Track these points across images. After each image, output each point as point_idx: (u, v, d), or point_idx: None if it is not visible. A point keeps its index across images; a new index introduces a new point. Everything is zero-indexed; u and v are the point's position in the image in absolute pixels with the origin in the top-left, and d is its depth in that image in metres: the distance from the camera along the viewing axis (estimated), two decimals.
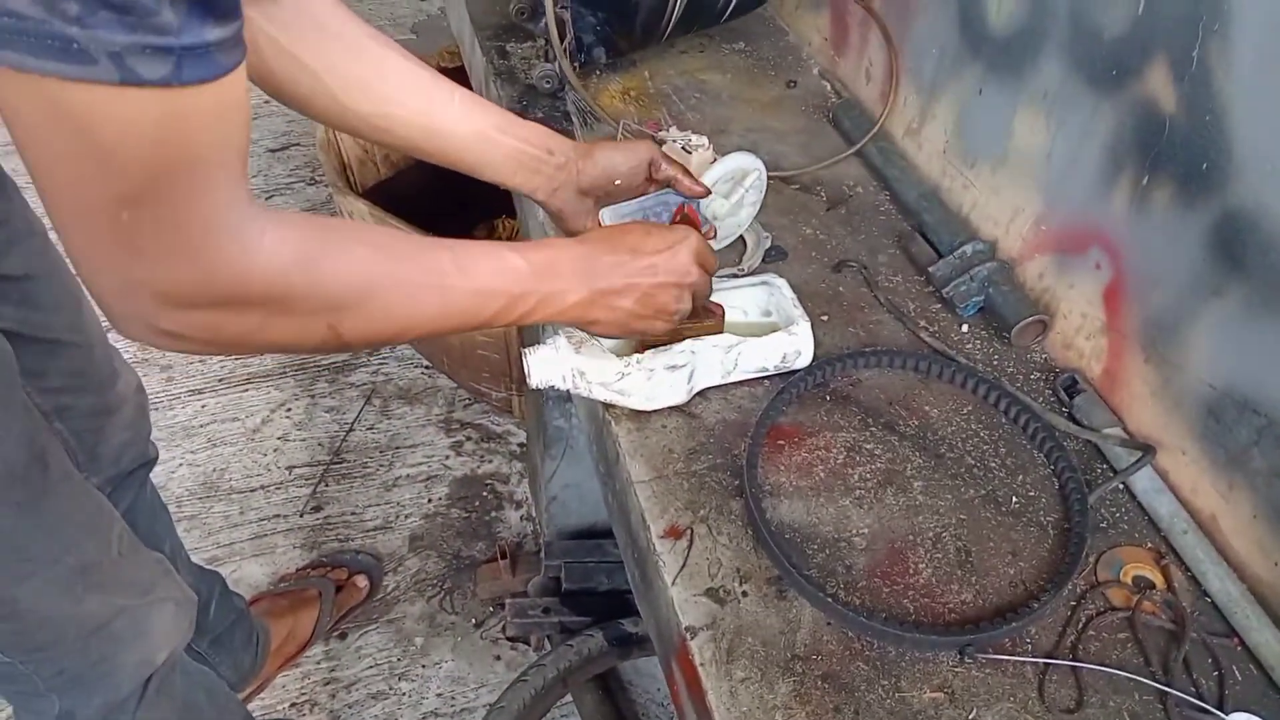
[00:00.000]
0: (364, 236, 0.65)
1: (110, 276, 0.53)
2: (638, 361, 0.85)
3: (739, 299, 0.94)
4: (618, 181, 0.91)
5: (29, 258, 0.99)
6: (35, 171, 0.49)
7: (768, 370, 0.91)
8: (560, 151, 0.89)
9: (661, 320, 0.81)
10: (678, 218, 0.92)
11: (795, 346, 0.90)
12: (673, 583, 0.75)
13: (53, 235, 1.03)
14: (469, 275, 0.70)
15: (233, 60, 0.49)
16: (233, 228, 0.54)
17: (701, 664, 0.70)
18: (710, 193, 0.93)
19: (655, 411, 0.88)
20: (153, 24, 0.44)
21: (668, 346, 0.86)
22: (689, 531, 0.79)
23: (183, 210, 0.51)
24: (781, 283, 0.94)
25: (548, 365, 0.85)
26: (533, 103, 1.26)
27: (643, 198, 0.93)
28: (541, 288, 0.74)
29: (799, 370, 0.91)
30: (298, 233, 0.59)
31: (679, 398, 0.88)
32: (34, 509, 0.91)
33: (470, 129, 0.86)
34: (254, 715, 1.39)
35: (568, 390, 0.87)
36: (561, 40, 1.24)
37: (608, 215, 0.92)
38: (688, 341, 0.86)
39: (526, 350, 0.85)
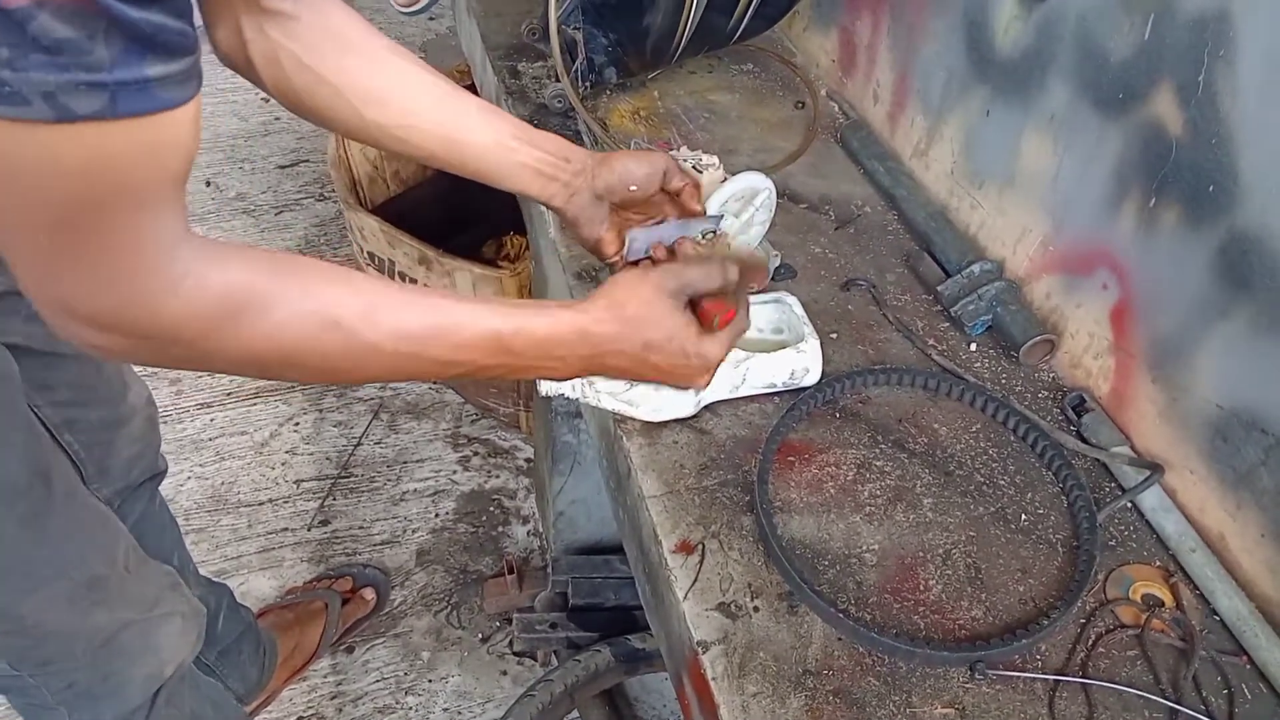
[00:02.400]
0: (310, 293, 0.60)
1: (37, 294, 0.54)
2: None
3: (752, 316, 0.95)
4: (633, 187, 0.91)
5: None
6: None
7: (776, 386, 0.92)
8: (577, 159, 0.90)
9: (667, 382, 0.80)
10: (715, 315, 0.78)
11: (804, 363, 0.91)
12: (684, 597, 0.76)
13: None
14: (435, 343, 0.66)
15: (179, 96, 0.49)
16: (151, 264, 0.53)
17: (714, 678, 0.70)
18: (704, 213, 0.94)
19: (666, 427, 0.89)
20: (85, 62, 0.44)
21: None
22: (700, 546, 0.79)
23: (104, 240, 0.51)
24: (793, 300, 0.95)
25: None
26: (544, 122, 1.27)
27: (666, 224, 0.94)
28: (517, 362, 0.71)
29: (808, 387, 0.92)
30: (223, 280, 0.56)
31: (686, 410, 0.89)
32: (38, 524, 0.91)
33: (489, 138, 0.87)
34: None
35: (577, 399, 0.88)
36: (574, 60, 1.25)
37: (638, 236, 0.92)
38: None
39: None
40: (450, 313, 0.67)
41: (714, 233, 0.95)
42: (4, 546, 0.89)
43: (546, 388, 0.86)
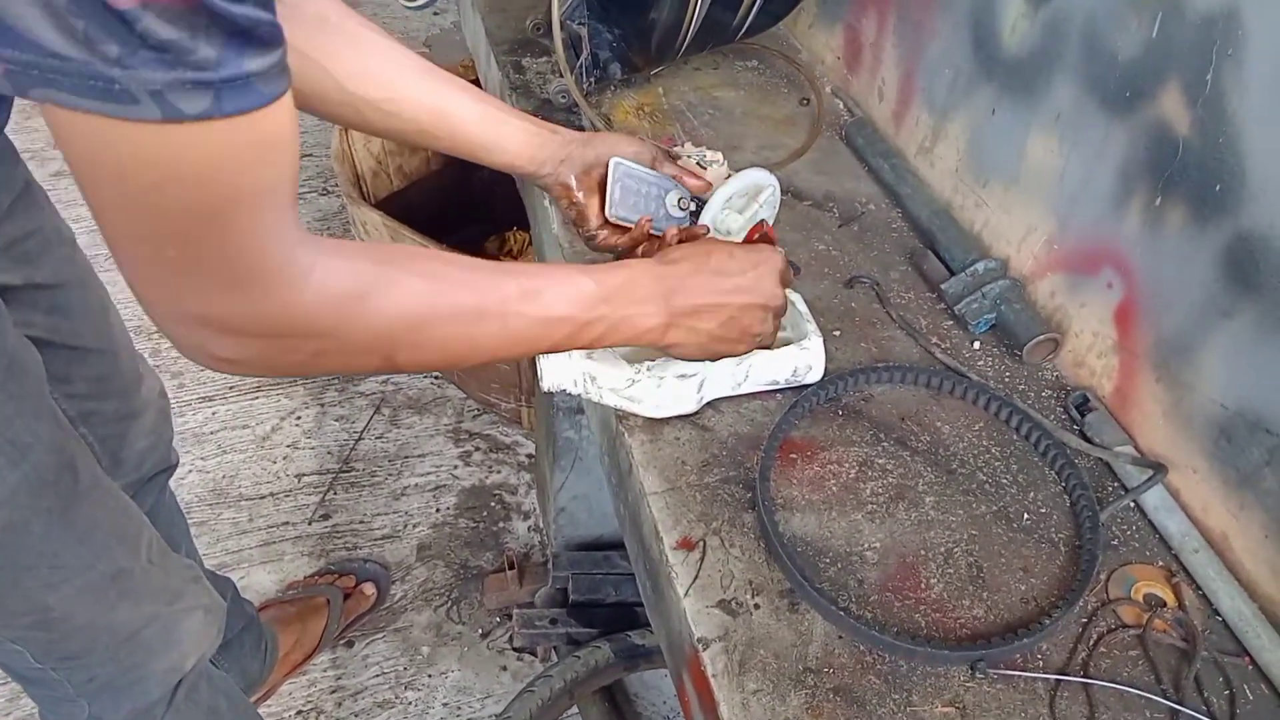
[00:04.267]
0: (419, 267, 0.63)
1: (162, 307, 0.54)
2: (648, 369, 0.86)
3: None
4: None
5: (59, 266, 1.00)
6: (88, 201, 0.49)
7: (778, 383, 0.92)
8: (565, 131, 0.93)
9: (745, 343, 0.82)
10: (755, 236, 0.89)
11: (807, 361, 0.91)
12: (685, 594, 0.76)
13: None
14: (533, 302, 0.68)
15: (276, 90, 0.49)
16: (278, 262, 0.54)
17: (714, 675, 0.70)
18: (709, 186, 0.97)
19: (668, 424, 0.89)
20: (192, 60, 0.44)
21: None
22: (701, 543, 0.79)
23: (227, 246, 0.51)
24: (796, 298, 0.95)
25: (560, 369, 0.86)
26: (548, 118, 1.27)
27: (651, 173, 0.96)
28: (614, 312, 0.73)
29: (810, 385, 0.92)
30: (348, 265, 0.58)
31: (688, 407, 0.89)
32: (65, 516, 0.91)
33: (477, 109, 0.88)
34: None
35: (579, 395, 0.88)
36: (578, 56, 1.25)
37: (621, 164, 0.93)
38: None
39: (539, 354, 0.86)
40: (541, 272, 0.71)
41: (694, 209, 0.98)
42: (32, 540, 0.89)
43: (549, 383, 0.86)
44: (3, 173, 0.90)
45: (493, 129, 0.89)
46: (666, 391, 0.86)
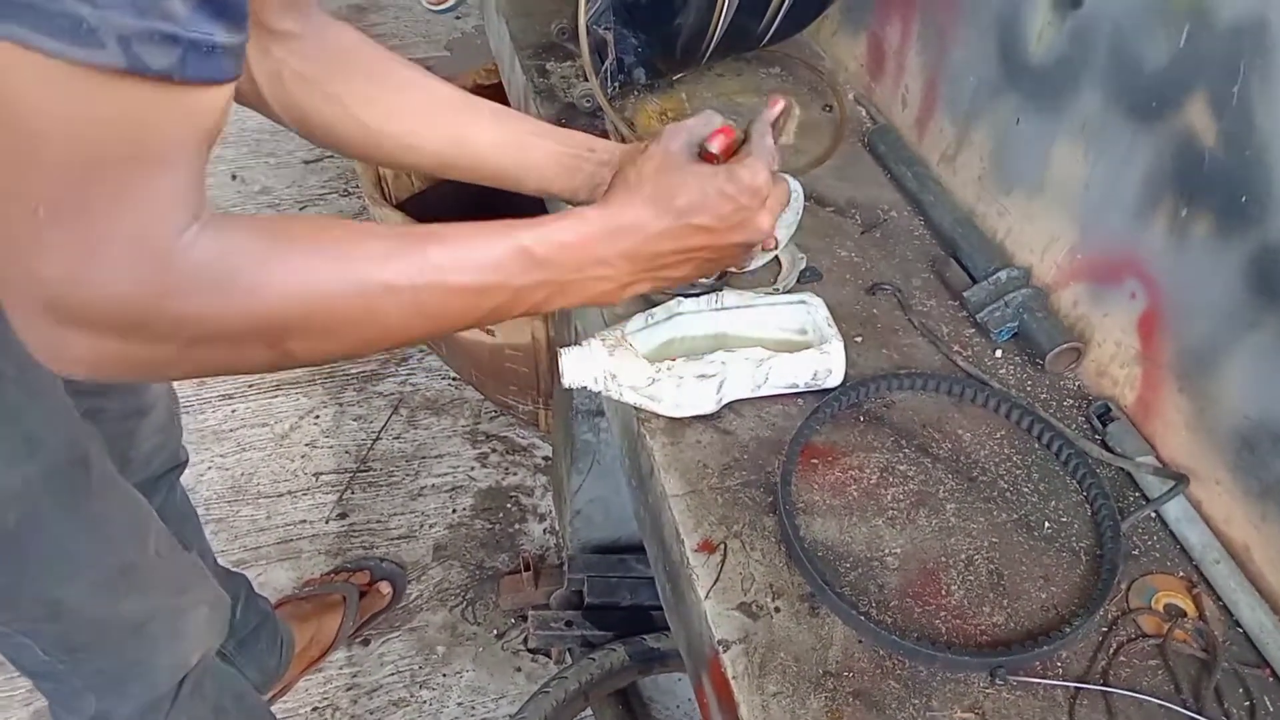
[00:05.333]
0: (314, 239, 0.56)
1: (13, 288, 0.48)
2: (668, 368, 0.86)
3: (777, 316, 0.96)
4: None
5: None
6: None
7: (798, 386, 0.92)
8: (603, 149, 0.86)
9: (720, 267, 0.75)
10: (732, 148, 0.74)
11: (827, 365, 0.91)
12: (706, 596, 0.76)
13: None
14: (454, 271, 0.60)
15: (233, 71, 0.47)
16: (154, 236, 0.48)
17: (734, 677, 0.71)
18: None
19: (690, 427, 0.89)
20: (162, 9, 0.42)
21: (699, 356, 0.87)
22: (722, 546, 0.80)
23: (111, 211, 0.46)
24: (818, 302, 0.96)
25: (581, 366, 0.87)
26: (572, 121, 1.28)
27: None
28: (560, 276, 0.65)
29: (831, 389, 0.92)
30: (228, 241, 0.51)
31: (708, 407, 0.89)
32: (77, 509, 0.93)
33: (503, 136, 0.84)
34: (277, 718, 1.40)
35: (599, 392, 0.88)
36: (603, 61, 1.26)
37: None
38: (719, 353, 0.87)
39: (561, 350, 0.87)
40: (470, 234, 0.62)
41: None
42: (45, 533, 0.90)
43: (570, 379, 0.87)
44: None
45: (518, 156, 0.84)
46: (686, 391, 0.87)
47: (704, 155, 0.73)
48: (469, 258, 0.61)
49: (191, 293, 0.50)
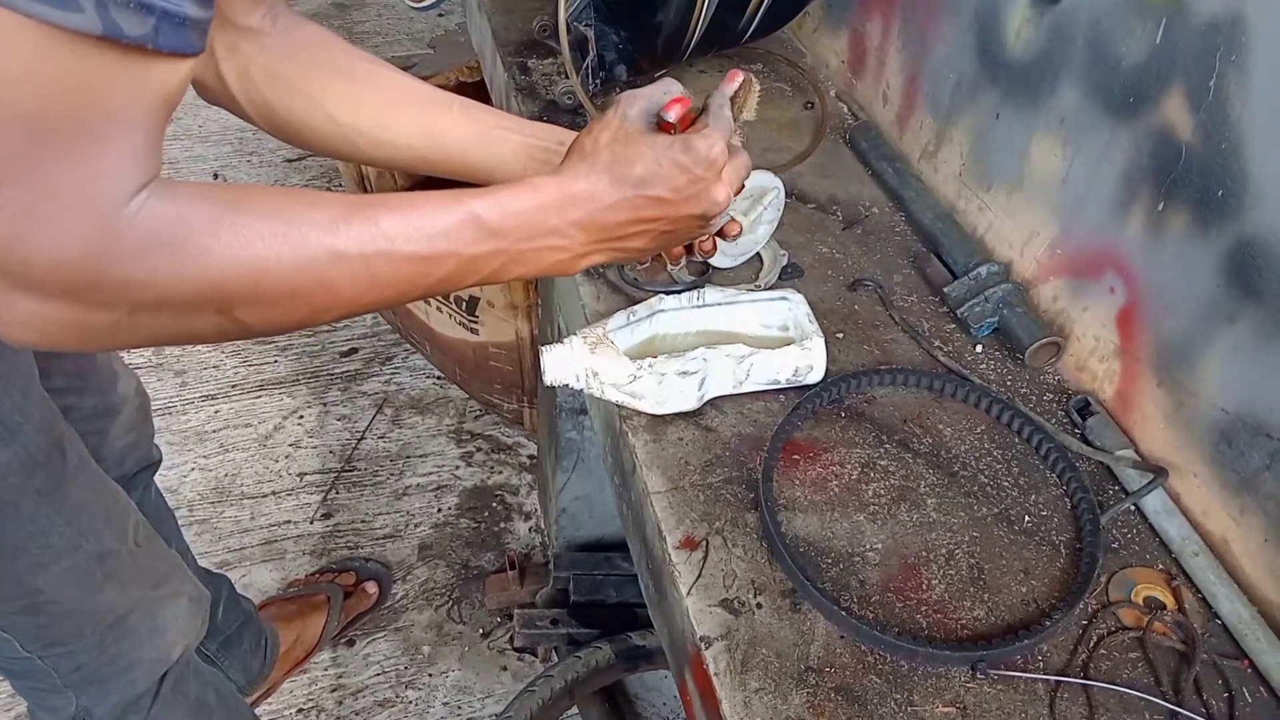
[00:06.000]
0: (262, 205, 0.55)
1: None
2: (649, 365, 0.86)
3: (758, 313, 0.96)
4: None
5: None
6: None
7: (779, 383, 0.92)
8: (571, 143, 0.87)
9: (676, 245, 0.75)
10: (689, 121, 0.73)
11: (808, 361, 0.91)
12: (688, 593, 0.76)
13: None
14: (404, 239, 0.59)
15: (198, 46, 0.47)
16: (102, 200, 0.47)
17: (716, 674, 0.71)
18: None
19: (671, 424, 0.89)
20: None
21: (680, 353, 0.87)
22: (704, 543, 0.80)
23: (62, 173, 0.45)
24: (799, 298, 0.96)
25: (562, 364, 0.87)
26: (554, 119, 1.27)
27: None
28: (513, 245, 0.64)
29: (813, 385, 0.92)
30: (176, 206, 0.50)
31: (690, 404, 0.89)
32: (54, 496, 0.92)
33: (473, 129, 0.84)
34: None
35: (582, 390, 0.88)
36: (584, 57, 1.26)
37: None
38: (700, 349, 0.87)
39: (543, 348, 0.87)
40: (421, 202, 0.61)
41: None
42: (22, 519, 0.90)
43: (552, 376, 0.87)
44: None
45: (488, 149, 0.83)
46: (667, 388, 0.87)
47: (661, 125, 0.72)
48: (419, 225, 0.60)
49: (138, 256, 0.49)
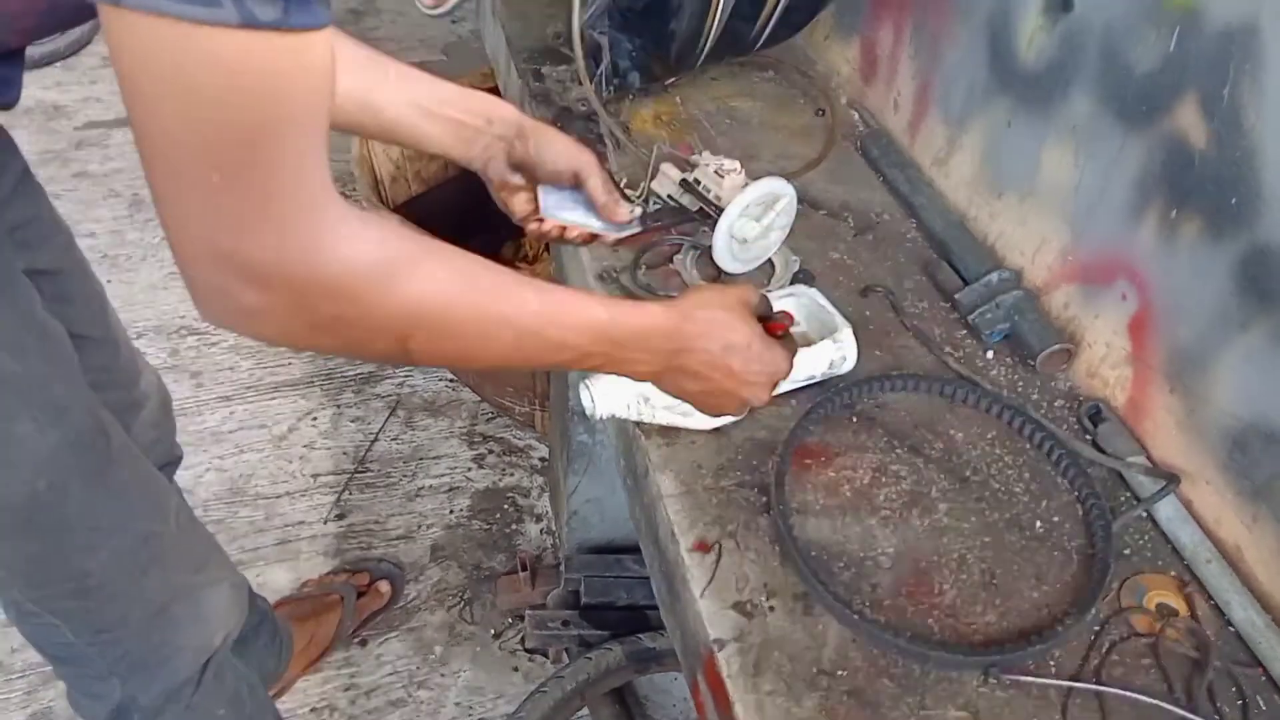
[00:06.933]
0: (451, 260, 0.63)
1: (194, 244, 0.53)
2: None
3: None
4: (547, 169, 0.94)
5: (58, 254, 1.03)
6: (139, 121, 0.49)
7: (815, 378, 0.93)
8: (501, 122, 0.92)
9: (709, 411, 0.82)
10: (782, 329, 0.84)
11: (841, 353, 0.92)
12: (701, 596, 0.77)
13: (82, 239, 1.08)
14: (551, 325, 0.68)
15: (327, 17, 0.50)
16: (314, 206, 0.53)
17: (729, 676, 0.71)
18: (631, 219, 0.99)
19: (684, 428, 0.90)
20: None
21: None
22: (717, 546, 0.80)
23: (270, 177, 0.51)
24: (813, 292, 0.96)
25: (611, 395, 0.86)
26: (568, 124, 1.28)
27: (577, 192, 0.97)
28: (618, 353, 0.72)
29: (832, 387, 0.93)
30: (380, 235, 0.57)
31: (738, 414, 0.89)
32: (100, 478, 0.95)
33: (405, 101, 0.89)
34: None
35: (626, 418, 0.88)
36: (598, 64, 1.27)
37: (549, 194, 0.96)
38: None
39: (587, 382, 0.86)
40: (563, 295, 0.70)
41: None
42: (72, 501, 0.92)
43: (602, 410, 0.86)
44: (4, 159, 0.92)
45: (418, 123, 0.89)
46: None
47: (764, 322, 0.81)
48: (560, 315, 0.69)
49: (348, 272, 0.55)
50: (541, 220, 0.97)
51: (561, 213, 0.96)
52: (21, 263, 0.94)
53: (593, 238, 1.00)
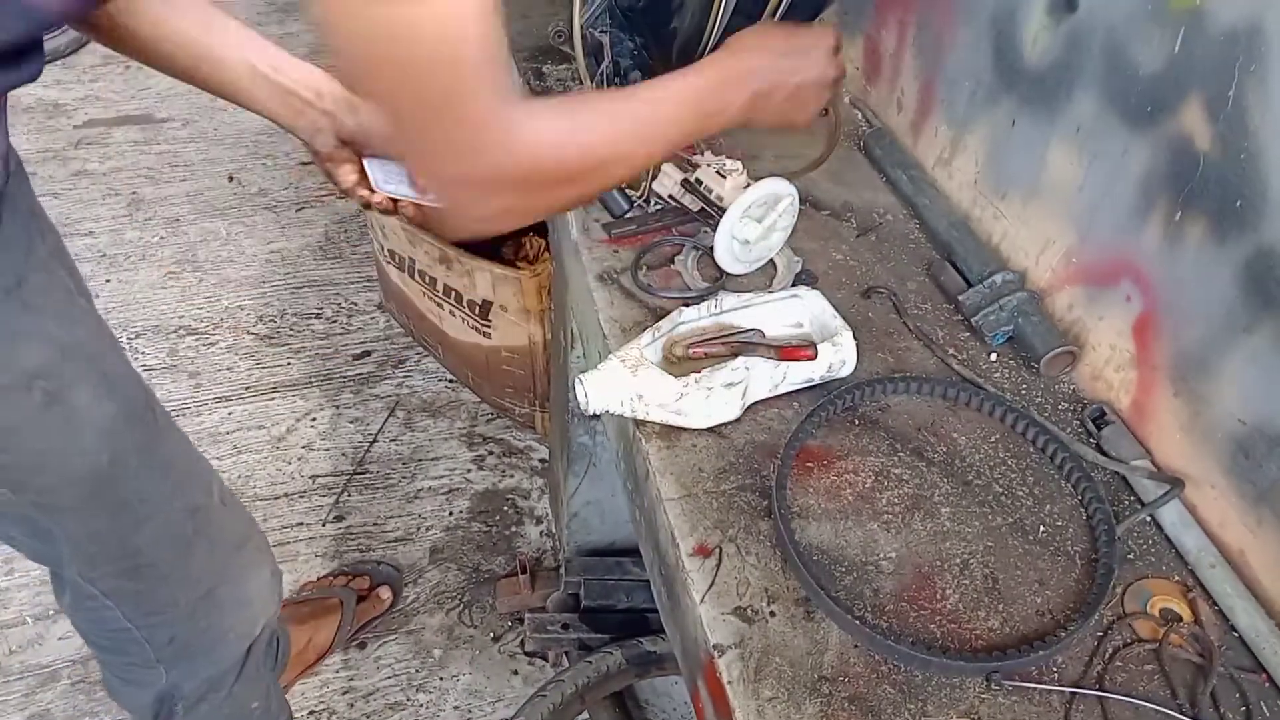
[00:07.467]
0: (602, 107, 0.78)
1: (437, 178, 0.65)
2: (696, 381, 0.86)
3: (774, 312, 0.96)
4: (376, 143, 0.97)
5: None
6: (373, 95, 0.62)
7: (814, 380, 0.93)
8: (330, 97, 0.95)
9: (805, 112, 0.93)
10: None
11: (841, 356, 0.92)
12: (701, 601, 0.76)
13: (81, 238, 1.07)
14: (673, 126, 0.81)
15: None
16: (508, 120, 0.63)
17: (729, 682, 0.71)
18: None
19: (685, 430, 0.89)
20: None
21: (721, 364, 0.87)
22: (718, 550, 0.80)
23: (470, 110, 0.60)
24: (815, 294, 0.96)
25: (605, 391, 0.86)
26: None
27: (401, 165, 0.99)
28: (715, 104, 0.83)
29: (835, 387, 0.92)
30: (551, 116, 0.70)
31: (734, 413, 0.89)
32: (150, 450, 0.96)
33: (242, 62, 0.92)
34: None
35: (621, 414, 0.87)
36: (599, 63, 1.26)
37: (373, 164, 0.98)
38: (740, 358, 0.87)
39: (581, 377, 0.86)
40: (678, 97, 0.82)
41: None
42: (128, 475, 0.92)
43: (596, 405, 0.85)
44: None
45: (252, 86, 0.93)
46: (715, 400, 0.87)
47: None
48: (684, 117, 0.82)
49: (545, 150, 0.68)
50: (372, 192, 0.99)
51: (390, 185, 0.98)
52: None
53: (419, 209, 1.02)
